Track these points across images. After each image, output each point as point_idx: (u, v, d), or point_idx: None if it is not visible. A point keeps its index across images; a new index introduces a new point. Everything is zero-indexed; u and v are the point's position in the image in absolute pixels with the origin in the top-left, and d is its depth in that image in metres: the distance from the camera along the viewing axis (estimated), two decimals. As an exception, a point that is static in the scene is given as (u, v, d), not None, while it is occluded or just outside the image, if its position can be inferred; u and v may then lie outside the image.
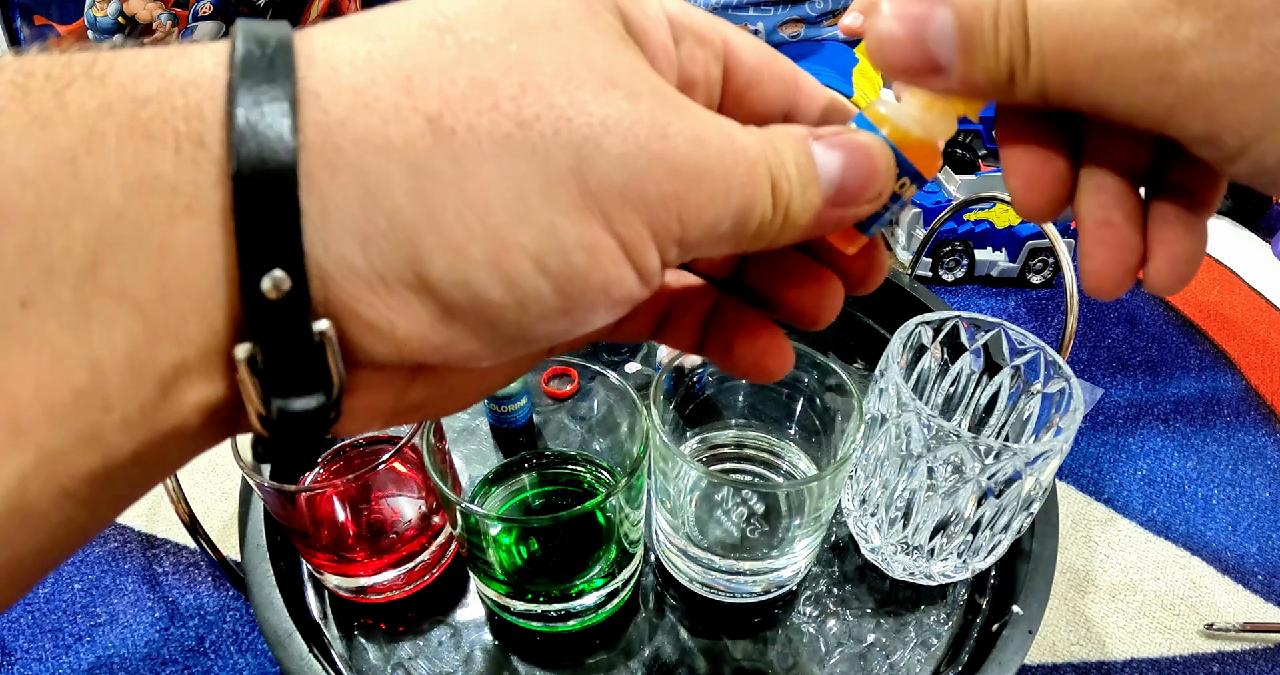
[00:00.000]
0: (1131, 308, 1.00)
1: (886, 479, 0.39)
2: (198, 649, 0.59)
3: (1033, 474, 0.36)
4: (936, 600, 0.43)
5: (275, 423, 0.14)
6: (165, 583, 0.63)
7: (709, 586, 0.41)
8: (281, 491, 0.36)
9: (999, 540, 0.39)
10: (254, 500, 0.43)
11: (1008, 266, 1.02)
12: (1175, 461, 0.79)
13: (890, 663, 0.40)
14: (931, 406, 0.45)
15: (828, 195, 0.16)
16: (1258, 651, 0.63)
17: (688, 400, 0.43)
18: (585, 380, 0.41)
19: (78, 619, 0.61)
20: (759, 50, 0.18)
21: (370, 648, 0.41)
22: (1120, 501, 0.75)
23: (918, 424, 0.36)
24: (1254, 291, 1.04)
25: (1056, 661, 0.61)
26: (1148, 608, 0.65)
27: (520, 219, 0.13)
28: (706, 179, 0.14)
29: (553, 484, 0.44)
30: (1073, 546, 0.70)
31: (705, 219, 0.14)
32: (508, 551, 0.38)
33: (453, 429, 0.48)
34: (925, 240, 0.62)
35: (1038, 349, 0.40)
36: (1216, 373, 0.90)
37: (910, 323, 0.40)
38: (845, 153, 0.16)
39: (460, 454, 0.47)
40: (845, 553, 0.45)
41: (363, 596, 0.42)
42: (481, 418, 0.48)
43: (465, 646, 0.41)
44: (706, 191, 0.14)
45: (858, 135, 0.17)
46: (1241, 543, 0.71)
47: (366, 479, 0.37)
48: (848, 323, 0.61)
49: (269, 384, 0.13)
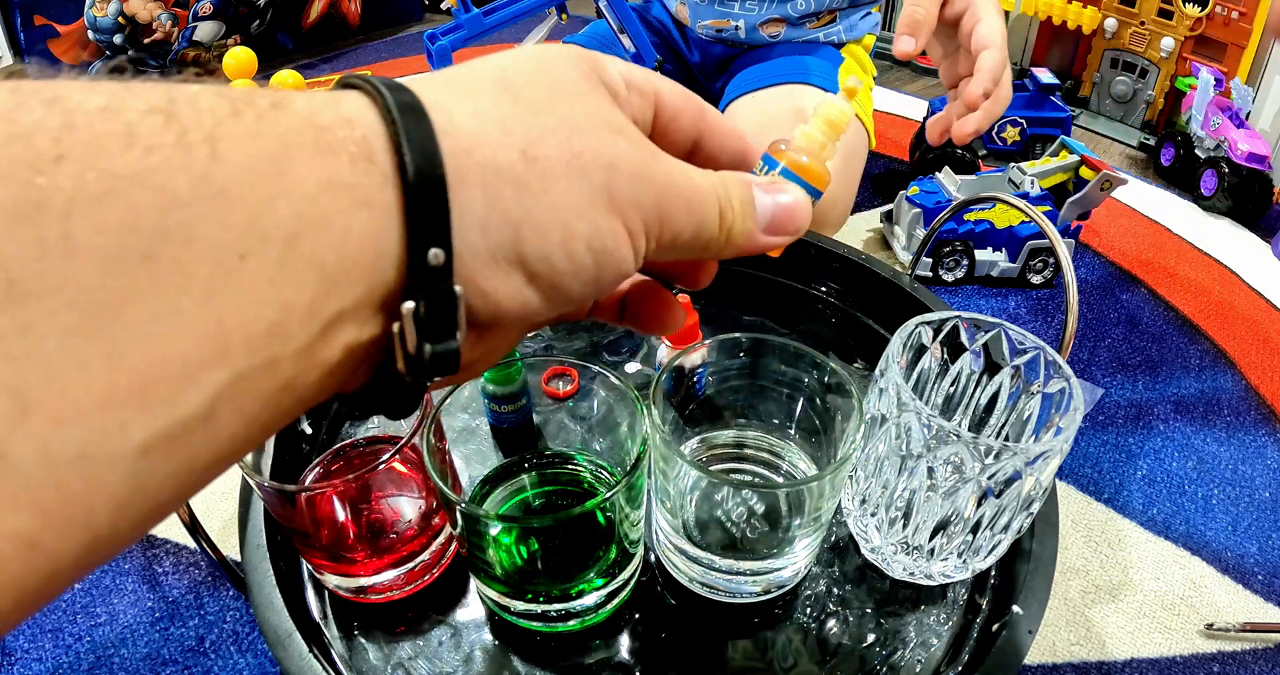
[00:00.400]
0: (1131, 308, 1.00)
1: (886, 479, 0.39)
2: (198, 649, 0.59)
3: (1033, 474, 0.36)
4: (936, 600, 0.43)
5: (423, 362, 0.18)
6: (165, 583, 0.63)
7: (709, 586, 0.41)
8: (281, 491, 0.36)
9: (999, 540, 0.39)
10: (254, 500, 0.43)
11: (1008, 266, 1.02)
12: (1175, 461, 0.79)
13: (890, 663, 0.40)
14: (931, 406, 0.45)
15: (762, 226, 0.24)
16: (1258, 651, 0.63)
17: (688, 400, 0.43)
18: (585, 380, 0.41)
19: (78, 619, 0.61)
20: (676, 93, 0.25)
21: (370, 648, 0.41)
22: (1120, 501, 0.75)
23: (918, 424, 0.36)
24: (1254, 291, 1.04)
25: (1056, 661, 0.61)
26: (1148, 608, 0.65)
27: (579, 216, 0.19)
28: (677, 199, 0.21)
29: (553, 484, 0.44)
30: (1073, 546, 0.70)
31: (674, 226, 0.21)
32: (508, 551, 0.38)
33: (453, 429, 0.48)
34: (925, 240, 0.62)
35: (1038, 349, 0.40)
36: (1216, 373, 0.90)
37: (910, 323, 0.40)
38: (777, 201, 0.24)
39: (460, 454, 0.47)
40: (845, 553, 0.45)
41: (363, 596, 0.42)
42: (481, 418, 0.48)
43: (465, 646, 0.41)
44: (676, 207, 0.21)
45: (786, 185, 0.24)
46: (1241, 543, 0.71)
47: (366, 479, 0.37)
48: (848, 323, 0.61)
49: (423, 331, 0.18)
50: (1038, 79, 1.14)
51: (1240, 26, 1.23)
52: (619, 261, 0.21)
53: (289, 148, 0.16)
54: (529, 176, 0.19)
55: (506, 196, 0.18)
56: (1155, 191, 1.23)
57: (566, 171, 0.19)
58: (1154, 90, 1.36)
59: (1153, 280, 1.05)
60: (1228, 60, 1.26)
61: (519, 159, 0.19)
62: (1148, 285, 1.04)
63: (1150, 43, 1.33)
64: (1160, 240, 1.12)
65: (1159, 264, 1.08)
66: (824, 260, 0.62)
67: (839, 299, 0.62)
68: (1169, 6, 1.28)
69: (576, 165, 0.19)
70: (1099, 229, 1.13)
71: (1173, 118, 1.36)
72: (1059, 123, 1.16)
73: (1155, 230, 1.14)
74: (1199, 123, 1.20)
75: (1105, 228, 1.14)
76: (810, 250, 0.62)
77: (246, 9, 1.57)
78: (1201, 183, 1.19)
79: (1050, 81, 1.13)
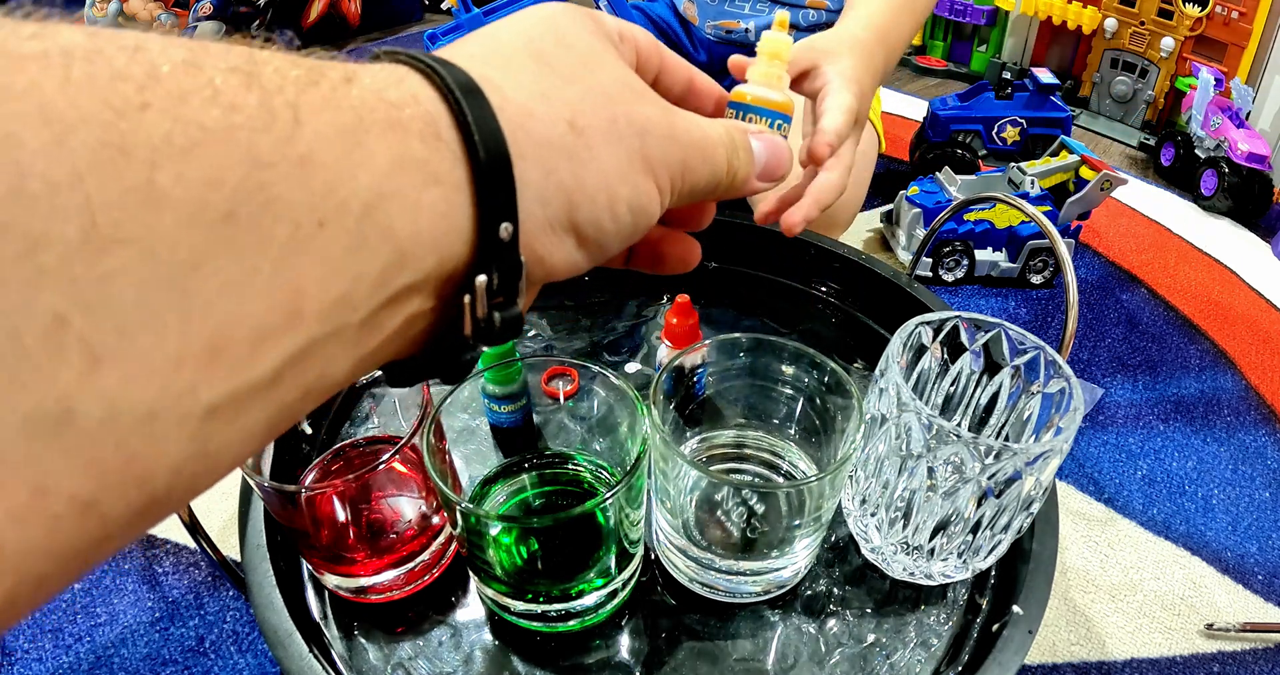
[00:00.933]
0: (1131, 308, 1.00)
1: (886, 479, 0.39)
2: (198, 649, 0.59)
3: (1033, 474, 0.36)
4: (936, 600, 0.43)
5: (493, 329, 0.19)
6: (165, 583, 0.63)
7: (709, 586, 0.41)
8: (281, 491, 0.36)
9: (999, 540, 0.39)
10: (254, 500, 0.43)
11: (1008, 266, 1.02)
12: (1175, 461, 0.79)
13: (890, 663, 0.40)
14: (931, 406, 0.45)
15: (757, 172, 0.26)
16: (1258, 651, 0.63)
17: (688, 400, 0.43)
18: (585, 380, 0.41)
19: (78, 619, 0.61)
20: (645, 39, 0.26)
21: (370, 648, 0.41)
22: (1120, 501, 0.75)
23: (918, 424, 0.36)
24: (1254, 291, 1.04)
25: (1056, 661, 0.61)
26: (1148, 608, 0.65)
27: (621, 179, 0.21)
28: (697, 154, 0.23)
29: (553, 484, 0.44)
30: (1073, 546, 0.70)
31: (693, 178, 0.23)
32: (508, 551, 0.38)
33: (453, 429, 0.48)
34: (925, 240, 0.62)
35: (1038, 349, 0.40)
36: (1216, 373, 0.90)
37: (910, 323, 0.40)
38: (767, 146, 0.26)
39: (460, 454, 0.47)
40: (845, 553, 0.45)
41: (363, 596, 0.42)
42: (481, 418, 0.48)
43: (465, 646, 0.41)
44: (695, 161, 0.23)
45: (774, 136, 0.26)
46: (1241, 543, 0.71)
47: (366, 479, 0.37)
48: (848, 323, 0.61)
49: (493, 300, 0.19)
50: (1038, 79, 1.13)
51: (1240, 26, 1.23)
52: (650, 216, 0.22)
53: (363, 122, 0.16)
54: (577, 147, 0.20)
55: (560, 167, 0.19)
56: (1155, 191, 1.23)
57: (607, 139, 0.20)
58: (1154, 90, 1.36)
59: (1153, 280, 1.05)
60: (1228, 60, 1.26)
61: (568, 131, 0.20)
62: (1148, 285, 1.04)
63: (1150, 43, 1.33)
64: (1160, 240, 1.12)
65: (1159, 264, 1.08)
66: (824, 260, 0.62)
67: (839, 299, 0.62)
68: (1169, 6, 1.28)
69: (614, 132, 0.21)
70: (1099, 229, 1.13)
71: (1173, 118, 1.36)
72: (1059, 123, 1.16)
73: (1155, 230, 1.14)
74: (1199, 123, 1.20)
75: (1105, 228, 1.14)
76: (810, 250, 0.62)
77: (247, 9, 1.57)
78: (1201, 183, 1.19)
79: (1050, 81, 1.13)
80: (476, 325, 0.19)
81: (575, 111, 0.20)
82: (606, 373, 0.39)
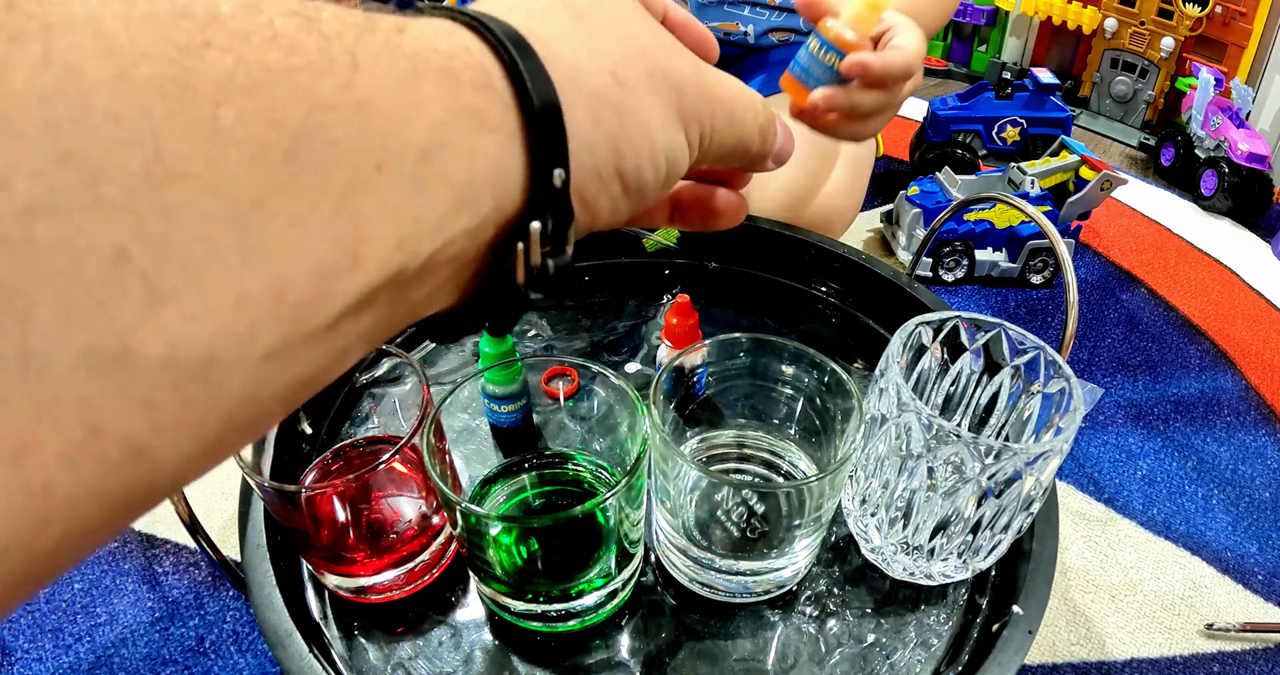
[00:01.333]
0: (1132, 308, 1.00)
1: (886, 479, 0.39)
2: (198, 649, 0.59)
3: (1033, 474, 0.36)
4: (936, 600, 0.43)
5: (547, 275, 0.19)
6: (165, 583, 0.63)
7: (709, 586, 0.41)
8: (281, 491, 0.36)
9: (999, 540, 0.39)
10: (254, 500, 0.43)
11: (1008, 266, 1.02)
12: (1175, 461, 0.79)
13: (890, 663, 0.40)
14: (931, 406, 0.45)
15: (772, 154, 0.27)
16: (1258, 651, 0.63)
17: (688, 400, 0.43)
18: (585, 380, 0.41)
19: (78, 619, 0.61)
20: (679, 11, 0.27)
21: (370, 648, 0.41)
22: (1120, 501, 0.75)
23: (918, 424, 0.36)
24: (1254, 291, 1.04)
25: (1056, 661, 0.61)
26: (1148, 608, 0.65)
27: (660, 129, 0.21)
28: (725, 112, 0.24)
29: (553, 484, 0.44)
30: (1073, 546, 0.70)
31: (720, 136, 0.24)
32: (508, 551, 0.38)
33: (453, 429, 0.48)
34: (925, 240, 0.62)
35: (1038, 349, 0.40)
36: (1216, 373, 0.90)
37: (910, 323, 0.40)
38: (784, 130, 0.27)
39: (460, 454, 0.47)
40: (845, 553, 0.45)
41: (363, 596, 0.42)
42: (481, 418, 0.48)
43: (465, 646, 0.41)
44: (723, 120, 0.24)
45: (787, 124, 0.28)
46: (1241, 543, 0.71)
47: (366, 479, 0.37)
48: (848, 323, 0.61)
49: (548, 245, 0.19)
50: (1038, 79, 1.13)
51: (1240, 26, 1.23)
52: (681, 169, 0.23)
53: (419, 70, 0.17)
54: (621, 97, 0.20)
55: (606, 117, 0.20)
56: (1155, 191, 1.23)
57: (647, 90, 0.21)
58: (1154, 90, 1.36)
59: (1153, 280, 1.05)
60: (1228, 60, 1.26)
61: (612, 82, 0.20)
62: (1148, 285, 1.04)
63: (1150, 43, 1.33)
64: (1160, 240, 1.12)
65: (1159, 264, 1.08)
66: (824, 260, 0.62)
67: (839, 299, 0.62)
68: (1169, 6, 1.28)
69: (652, 84, 0.21)
70: (1099, 229, 1.13)
71: (1173, 118, 1.36)
72: (1059, 123, 1.16)
73: (1155, 230, 1.14)
74: (1199, 123, 1.20)
75: (1105, 228, 1.14)
76: (810, 250, 0.62)
77: (246, 9, 1.56)
78: (1201, 183, 1.19)
79: (1050, 81, 1.13)
80: (530, 272, 0.19)
81: (617, 63, 0.21)
82: (606, 373, 0.39)
